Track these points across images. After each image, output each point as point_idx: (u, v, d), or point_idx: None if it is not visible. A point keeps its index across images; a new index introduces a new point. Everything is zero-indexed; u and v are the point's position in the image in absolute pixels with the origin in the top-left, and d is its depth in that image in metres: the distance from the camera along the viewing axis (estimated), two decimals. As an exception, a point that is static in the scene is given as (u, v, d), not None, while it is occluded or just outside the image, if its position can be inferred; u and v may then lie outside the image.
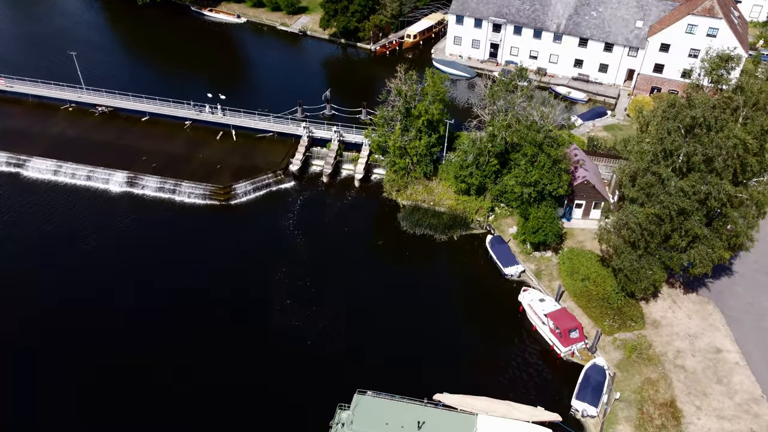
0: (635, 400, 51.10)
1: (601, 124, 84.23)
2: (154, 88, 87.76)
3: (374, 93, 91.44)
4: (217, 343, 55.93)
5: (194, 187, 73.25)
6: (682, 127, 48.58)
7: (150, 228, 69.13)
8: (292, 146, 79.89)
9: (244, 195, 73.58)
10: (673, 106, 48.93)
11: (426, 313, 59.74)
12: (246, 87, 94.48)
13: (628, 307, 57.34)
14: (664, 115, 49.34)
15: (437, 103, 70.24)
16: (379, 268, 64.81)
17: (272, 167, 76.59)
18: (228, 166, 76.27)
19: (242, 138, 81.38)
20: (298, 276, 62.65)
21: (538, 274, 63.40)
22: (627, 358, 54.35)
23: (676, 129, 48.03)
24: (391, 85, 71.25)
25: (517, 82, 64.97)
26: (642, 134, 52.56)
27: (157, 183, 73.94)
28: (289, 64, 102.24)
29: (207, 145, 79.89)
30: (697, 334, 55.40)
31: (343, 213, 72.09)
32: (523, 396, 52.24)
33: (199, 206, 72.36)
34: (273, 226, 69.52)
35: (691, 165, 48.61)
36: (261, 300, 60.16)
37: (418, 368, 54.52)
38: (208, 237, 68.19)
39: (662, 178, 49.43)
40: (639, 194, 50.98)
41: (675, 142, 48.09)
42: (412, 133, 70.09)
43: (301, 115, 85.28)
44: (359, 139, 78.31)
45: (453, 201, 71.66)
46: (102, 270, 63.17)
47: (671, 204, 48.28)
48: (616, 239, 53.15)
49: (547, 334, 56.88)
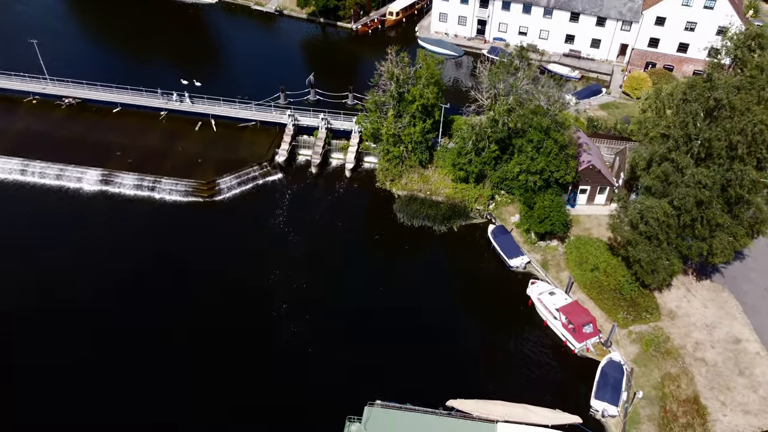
0: (656, 397, 48.97)
1: (597, 103, 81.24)
2: (124, 76, 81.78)
3: (359, 75, 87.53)
4: (208, 356, 52.01)
5: (175, 184, 68.49)
6: (702, 111, 45.67)
7: (129, 229, 64.37)
8: (276, 136, 75.32)
9: (228, 190, 69.12)
10: (694, 87, 45.92)
11: (430, 312, 56.68)
12: (222, 72, 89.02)
13: (642, 298, 54.99)
14: (684, 97, 46.31)
15: (432, 87, 66.33)
16: (378, 265, 61.31)
17: (257, 159, 72.08)
18: (210, 160, 71.53)
19: (223, 128, 76.49)
20: (292, 277, 58.88)
21: (544, 264, 60.66)
22: (644, 352, 52.11)
23: (696, 113, 45.09)
24: (382, 68, 67.04)
25: (518, 64, 61.26)
26: (659, 118, 49.59)
27: (134, 180, 68.96)
28: (266, 47, 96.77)
29: (186, 137, 74.87)
30: (714, 324, 53.38)
31: (335, 206, 68.20)
32: (540, 397, 49.64)
33: (181, 204, 67.72)
34: (261, 223, 65.35)
35: (710, 151, 45.85)
36: (254, 305, 56.27)
37: (426, 371, 51.51)
38: (192, 237, 63.75)
39: (680, 167, 46.60)
40: (655, 183, 48.14)
41: (697, 127, 45.17)
42: (405, 119, 66.19)
43: (285, 102, 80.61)
44: (348, 126, 74.16)
45: (450, 189, 68.26)
46: (77, 276, 58.54)
47: (688, 196, 45.57)
48: (631, 232, 50.40)
49: (560, 329, 54.32)
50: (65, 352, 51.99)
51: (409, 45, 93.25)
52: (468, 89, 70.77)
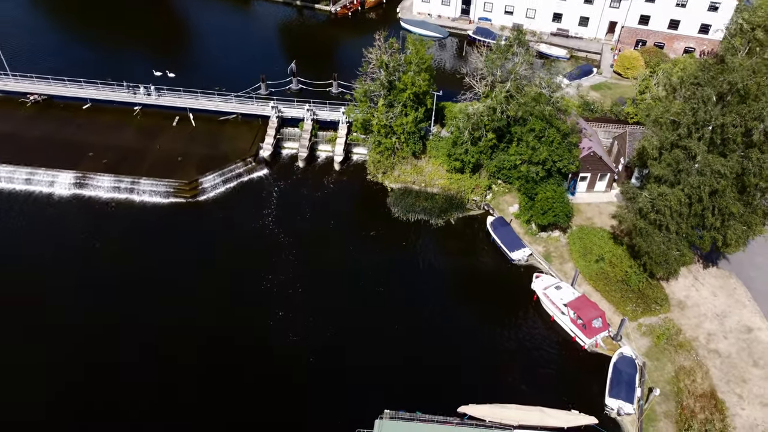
0: (671, 392, 47.64)
1: (589, 84, 79.02)
2: (93, 70, 77.12)
3: (342, 61, 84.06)
4: (201, 369, 49.08)
5: (155, 184, 64.60)
6: (714, 95, 43.65)
7: (108, 235, 60.47)
8: (259, 129, 71.67)
9: (212, 189, 65.51)
10: (707, 70, 43.79)
11: (432, 312, 54.44)
12: (197, 62, 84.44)
13: (651, 289, 53.52)
14: (696, 80, 44.19)
15: (423, 74, 63.32)
16: (375, 264, 58.55)
17: (241, 154, 68.47)
18: (191, 157, 67.65)
19: (202, 122, 72.47)
20: (287, 281, 55.98)
21: (547, 256, 58.75)
22: (656, 345, 50.72)
23: (708, 97, 43.05)
24: (370, 56, 63.71)
25: (515, 49, 58.40)
26: (668, 102, 47.50)
27: (110, 182, 64.87)
28: (242, 33, 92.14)
29: (163, 134, 70.70)
30: (725, 313, 52.19)
31: (326, 202, 65.13)
32: (552, 397, 47.97)
33: (162, 206, 63.94)
34: (250, 223, 62.03)
35: (724, 137, 43.97)
36: (248, 313, 53.31)
37: (434, 376, 49.40)
38: (176, 241, 60.19)
39: (693, 155, 44.68)
40: (666, 171, 46.19)
41: (709, 112, 43.17)
42: (397, 108, 63.14)
43: (266, 92, 76.78)
44: (335, 116, 70.79)
45: (446, 180, 65.71)
46: (54, 286, 54.80)
47: (703, 185, 43.77)
48: (641, 222, 48.57)
49: (568, 324, 52.62)
50: (44, 379, 48.58)
51: (391, 27, 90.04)
52: (458, 74, 68.00)
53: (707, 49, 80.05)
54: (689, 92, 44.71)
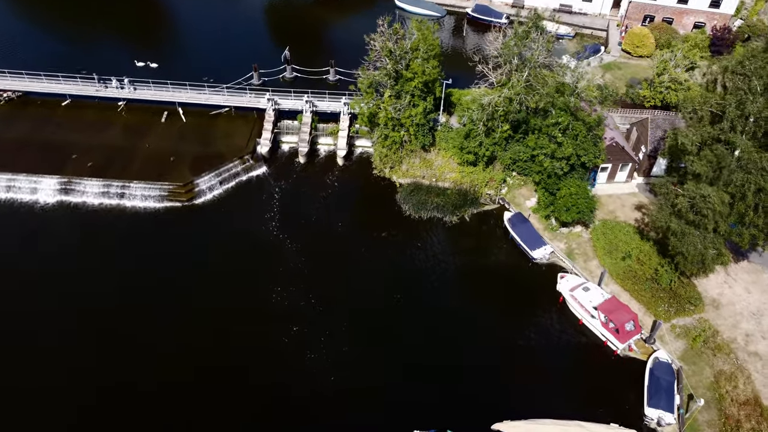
0: (713, 399, 45.50)
1: (597, 64, 75.56)
2: (69, 62, 71.34)
3: (335, 45, 79.37)
4: (210, 390, 45.56)
5: (147, 188, 59.97)
6: (760, 86, 40.49)
7: (99, 244, 55.97)
8: (255, 123, 67.01)
9: (209, 191, 61.12)
10: (754, 58, 40.51)
11: (454, 319, 51.31)
12: (181, 50, 78.77)
13: (683, 288, 51.02)
14: (742, 70, 40.91)
15: (432, 60, 59.16)
16: (390, 269, 55.06)
17: (237, 152, 63.90)
18: (184, 156, 62.92)
19: (193, 117, 67.53)
20: (298, 292, 52.33)
21: (570, 254, 55.87)
22: (692, 348, 48.45)
23: (756, 89, 39.90)
24: (374, 43, 59.25)
25: (534, 35, 54.43)
26: (709, 93, 44.28)
27: (99, 187, 60.06)
28: (226, 17, 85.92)
29: (152, 131, 65.69)
30: (761, 311, 50.00)
31: (332, 201, 61.16)
32: (588, 408, 45.48)
33: (157, 211, 59.46)
34: (252, 227, 57.92)
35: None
36: (261, 330, 49.54)
37: (461, 390, 46.60)
38: (174, 250, 55.92)
39: (734, 149, 41.68)
40: (707, 169, 43.20)
41: (756, 104, 40.08)
42: (405, 99, 59.02)
43: (259, 82, 71.95)
44: (336, 106, 66.42)
45: (457, 174, 62.15)
46: (45, 303, 50.54)
47: (748, 182, 40.93)
48: (676, 224, 45.65)
49: (599, 328, 50.03)
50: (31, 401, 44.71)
51: (384, 7, 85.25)
52: (462, 56, 63.75)
53: (718, 24, 76.76)
54: (733, 82, 41.47)
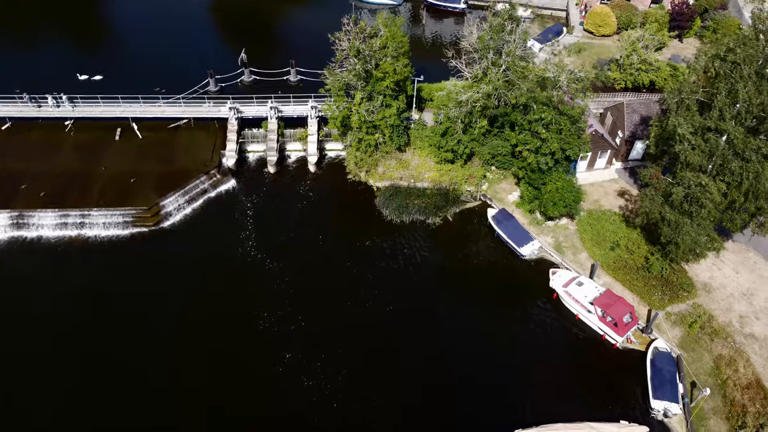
0: (715, 385, 45.63)
1: (561, 47, 74.38)
2: (5, 81, 65.63)
3: (292, 43, 75.94)
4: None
5: (109, 215, 55.87)
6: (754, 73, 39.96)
7: (60, 281, 51.70)
8: (217, 133, 63.33)
9: (177, 211, 57.43)
10: (745, 45, 39.82)
11: (449, 327, 49.88)
12: (126, 59, 73.36)
13: (674, 275, 50.92)
14: (733, 57, 40.14)
15: (402, 58, 56.76)
16: (378, 280, 52.90)
17: (202, 166, 60.25)
18: (145, 177, 58.82)
19: (149, 132, 63.18)
20: (286, 316, 49.64)
21: (558, 248, 55.07)
22: (688, 334, 48.51)
23: (749, 76, 39.34)
24: (342, 43, 56.30)
25: (509, 27, 52.58)
26: (697, 82, 43.53)
27: (55, 219, 55.58)
28: (167, 19, 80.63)
29: (106, 151, 61.18)
30: (752, 292, 50.43)
31: (309, 212, 58.37)
32: (594, 406, 45.13)
33: (122, 239, 55.50)
34: (227, 248, 54.57)
35: (763, 117, 40.67)
36: (249, 362, 46.70)
37: (466, 400, 45.33)
38: (144, 280, 52.06)
39: (731, 138, 41.20)
40: (699, 158, 42.64)
41: (750, 92, 39.54)
42: (377, 100, 56.50)
43: (216, 89, 68.02)
44: (302, 110, 63.34)
45: (435, 172, 60.33)
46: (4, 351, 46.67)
47: (746, 171, 40.61)
48: (670, 213, 45.16)
49: (596, 323, 49.50)
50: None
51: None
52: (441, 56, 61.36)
53: (676, -1, 76.72)
54: (723, 70, 40.75)
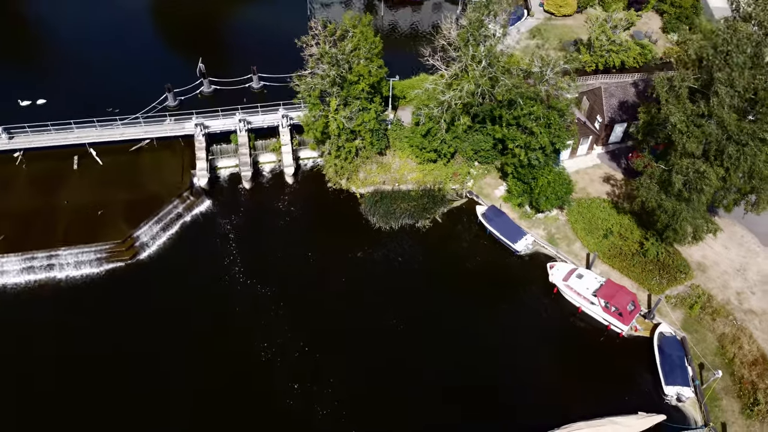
0: (722, 364, 46.46)
1: (525, 30, 73.70)
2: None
3: (249, 47, 71.83)
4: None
5: (79, 253, 51.90)
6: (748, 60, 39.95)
7: (32, 331, 47.70)
8: (184, 152, 59.63)
9: (152, 241, 53.93)
10: (735, 32, 39.63)
11: (454, 332, 48.75)
12: (69, 79, 67.15)
13: (670, 257, 51.34)
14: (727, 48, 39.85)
15: (376, 60, 54.51)
16: (375, 292, 51.23)
17: (173, 190, 56.66)
18: (113, 207, 54.80)
19: (109, 157, 58.85)
20: (286, 343, 47.33)
21: (551, 240, 54.68)
22: (690, 316, 49.12)
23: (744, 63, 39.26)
24: (312, 49, 53.48)
25: (486, 21, 51.01)
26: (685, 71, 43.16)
27: (19, 263, 51.23)
28: (103, 27, 74.83)
29: (65, 182, 56.67)
30: (743, 266, 51.42)
31: (292, 228, 55.82)
32: (610, 398, 45.20)
33: (96, 277, 51.72)
34: (211, 276, 51.65)
35: (755, 101, 40.86)
36: (257, 397, 44.40)
37: (482, 408, 44.61)
38: (127, 320, 48.55)
39: (724, 124, 41.22)
40: (696, 145, 42.57)
41: (743, 78, 39.52)
42: (355, 105, 54.19)
43: (175, 104, 64.01)
44: (272, 119, 60.28)
45: (418, 173, 58.76)
46: None
47: (744, 155, 40.80)
48: (668, 201, 45.16)
49: (600, 314, 49.49)
50: None
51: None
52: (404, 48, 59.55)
53: None
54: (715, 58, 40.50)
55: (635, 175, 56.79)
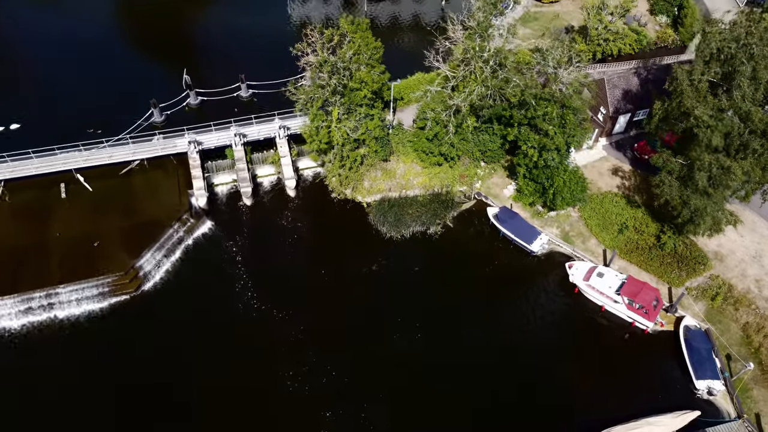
0: (748, 353, 46.74)
1: (512, 20, 72.06)
2: None
3: (232, 52, 68.51)
4: None
5: (80, 289, 48.90)
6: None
7: (36, 379, 44.75)
8: (178, 171, 56.66)
9: (156, 270, 51.25)
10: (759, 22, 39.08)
11: (480, 341, 48.00)
12: (43, 100, 62.72)
13: (687, 249, 51.20)
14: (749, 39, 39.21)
15: (378, 65, 52.45)
16: (395, 306, 49.70)
17: (171, 213, 53.82)
18: (110, 236, 51.71)
19: (99, 182, 55.41)
20: (312, 369, 45.53)
21: (566, 237, 54.00)
22: (712, 307, 49.21)
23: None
24: (310, 59, 51.06)
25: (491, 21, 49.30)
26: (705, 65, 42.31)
27: (15, 305, 48.01)
28: (70, 41, 69.97)
29: (55, 213, 53.17)
30: (759, 253, 51.59)
31: (301, 245, 53.71)
32: (643, 398, 45.07)
33: (101, 314, 48.87)
34: (222, 302, 49.34)
35: None
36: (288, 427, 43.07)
37: (519, 416, 44.05)
38: (139, 358, 46.02)
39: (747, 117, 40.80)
40: (720, 140, 42.11)
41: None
42: (359, 112, 52.07)
43: (162, 119, 60.76)
44: (268, 130, 57.69)
45: (425, 177, 57.21)
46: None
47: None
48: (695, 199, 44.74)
49: (624, 312, 49.14)
50: None
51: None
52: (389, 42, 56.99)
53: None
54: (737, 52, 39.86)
55: (643, 166, 56.63)
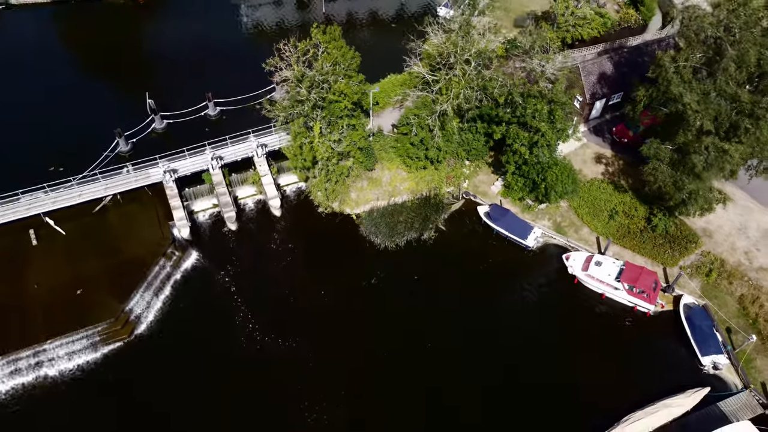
0: (747, 324, 48.33)
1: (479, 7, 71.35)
2: None
3: (194, 68, 65.16)
4: None
5: (70, 342, 46.03)
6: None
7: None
8: (155, 203, 53.88)
9: (147, 310, 48.74)
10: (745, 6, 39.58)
11: (487, 341, 47.92)
12: None
13: (677, 229, 52.32)
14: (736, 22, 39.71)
15: (356, 75, 50.98)
16: (404, 320, 48.86)
17: (155, 248, 51.20)
18: (93, 281, 48.73)
19: (71, 224, 52.14)
20: (333, 399, 44.37)
21: (558, 229, 54.33)
22: (707, 283, 50.57)
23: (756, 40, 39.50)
24: (285, 73, 49.11)
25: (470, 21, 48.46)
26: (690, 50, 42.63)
27: (3, 368, 44.76)
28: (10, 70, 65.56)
29: (28, 263, 49.71)
30: (743, 225, 53.17)
31: (294, 267, 51.94)
32: (656, 381, 46.03)
33: (95, 365, 46.14)
34: (224, 338, 47.34)
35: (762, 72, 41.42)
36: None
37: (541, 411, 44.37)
38: (142, 409, 43.75)
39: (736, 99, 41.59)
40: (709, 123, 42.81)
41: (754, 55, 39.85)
42: (341, 125, 50.59)
43: (128, 148, 57.59)
44: (244, 150, 55.53)
45: (411, 182, 56.37)
46: None
47: (759, 129, 41.40)
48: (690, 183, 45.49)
49: (625, 297, 49.93)
50: None
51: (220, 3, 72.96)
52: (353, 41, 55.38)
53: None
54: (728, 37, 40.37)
55: (623, 150, 57.45)
